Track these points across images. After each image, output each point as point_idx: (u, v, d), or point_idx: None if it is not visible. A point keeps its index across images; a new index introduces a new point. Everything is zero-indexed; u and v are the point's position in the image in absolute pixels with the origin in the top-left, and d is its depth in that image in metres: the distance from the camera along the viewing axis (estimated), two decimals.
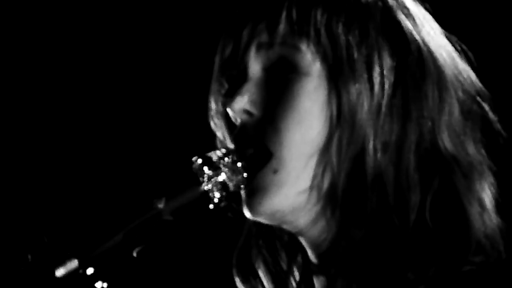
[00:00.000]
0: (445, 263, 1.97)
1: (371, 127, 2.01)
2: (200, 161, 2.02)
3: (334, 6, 2.06)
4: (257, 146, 2.04)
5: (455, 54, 2.14)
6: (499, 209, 2.09)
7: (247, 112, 2.06)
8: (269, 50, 2.06)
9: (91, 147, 3.85)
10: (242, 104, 2.05)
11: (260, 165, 2.03)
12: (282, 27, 2.04)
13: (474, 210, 2.02)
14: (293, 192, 2.03)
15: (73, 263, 1.83)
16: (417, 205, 1.99)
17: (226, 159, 2.04)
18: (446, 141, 2.04)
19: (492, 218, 2.05)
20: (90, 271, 1.85)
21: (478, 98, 2.12)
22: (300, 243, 2.16)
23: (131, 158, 3.80)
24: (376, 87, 2.02)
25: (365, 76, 2.02)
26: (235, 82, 2.11)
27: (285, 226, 2.11)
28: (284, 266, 2.24)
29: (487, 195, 2.07)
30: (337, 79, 2.03)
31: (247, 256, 2.23)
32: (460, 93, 2.09)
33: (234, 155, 2.04)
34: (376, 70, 2.03)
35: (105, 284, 1.86)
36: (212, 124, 2.19)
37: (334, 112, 2.02)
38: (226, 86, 2.14)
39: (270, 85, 2.06)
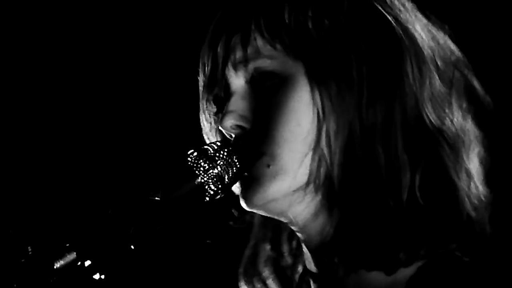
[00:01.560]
0: (436, 241, 1.99)
1: (356, 115, 2.03)
2: (196, 153, 2.04)
3: (299, 3, 2.07)
4: (249, 150, 2.06)
5: (429, 25, 2.15)
6: (488, 178, 2.10)
7: (238, 127, 2.09)
8: (247, 65, 2.08)
9: (88, 142, 3.86)
10: (232, 121, 2.08)
11: (253, 161, 2.06)
12: (254, 40, 2.07)
13: (463, 183, 2.04)
14: (287, 186, 2.06)
15: (72, 256, 1.85)
16: (408, 184, 2.01)
17: (221, 152, 2.06)
18: (430, 114, 2.05)
19: (478, 188, 2.07)
20: (88, 263, 1.86)
21: (459, 65, 2.13)
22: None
23: (128, 152, 3.81)
24: (355, 74, 2.03)
25: (342, 66, 2.04)
26: (221, 98, 2.14)
27: (283, 219, 2.13)
28: (289, 263, 2.26)
29: (474, 165, 2.08)
30: (315, 75, 2.05)
31: (254, 265, 2.26)
32: (440, 63, 2.10)
33: (229, 148, 2.07)
34: (352, 58, 2.04)
35: (102, 276, 1.88)
36: (206, 140, 2.23)
37: (319, 107, 2.04)
38: (213, 103, 2.17)
39: (255, 96, 2.09)
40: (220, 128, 2.10)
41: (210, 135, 2.22)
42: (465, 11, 3.13)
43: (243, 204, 2.10)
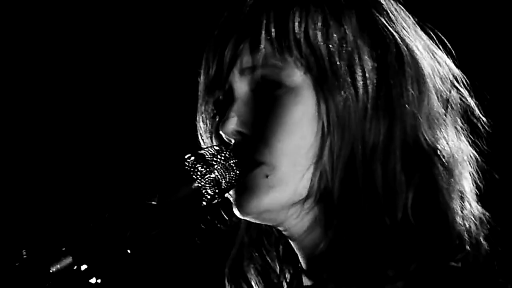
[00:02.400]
0: (427, 259, 1.98)
1: (359, 131, 2.03)
2: (193, 158, 2.04)
3: (309, 14, 2.07)
4: (246, 158, 2.05)
5: (429, 43, 2.15)
6: (482, 197, 2.11)
7: (239, 133, 2.08)
8: (253, 72, 2.08)
9: (85, 146, 3.85)
10: (234, 127, 2.07)
11: (251, 168, 2.05)
12: (262, 49, 2.06)
13: (455, 203, 2.03)
14: (286, 197, 2.05)
15: (68, 260, 1.84)
16: (403, 203, 2.01)
17: (219, 156, 2.05)
18: (426, 133, 2.04)
19: (472, 208, 2.07)
20: (84, 267, 1.86)
21: (456, 84, 2.13)
22: (290, 246, 2.18)
23: (125, 156, 3.81)
24: (361, 90, 2.04)
25: (349, 80, 2.04)
26: (223, 103, 2.13)
27: (278, 227, 2.13)
28: (276, 269, 2.25)
29: (468, 184, 2.08)
30: (323, 88, 2.04)
31: (239, 266, 2.25)
32: (438, 82, 2.10)
33: (227, 153, 2.06)
34: (359, 73, 2.04)
35: (99, 280, 1.87)
36: (202, 143, 2.22)
37: (324, 120, 2.04)
38: (213, 106, 2.16)
39: (259, 104, 2.08)
40: (220, 132, 2.09)
41: (205, 138, 2.21)
42: (465, 27, 3.14)
43: (236, 211, 2.09)
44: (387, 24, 2.09)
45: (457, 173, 2.06)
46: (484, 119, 2.15)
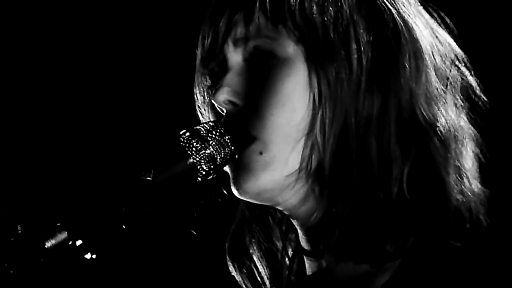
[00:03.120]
0: (423, 234, 1.99)
1: (352, 104, 2.03)
2: (188, 134, 2.03)
3: None
4: (239, 132, 2.05)
5: (431, 21, 2.15)
6: (483, 175, 2.11)
7: (231, 102, 2.07)
8: (247, 42, 2.08)
9: (80, 122, 3.85)
10: (225, 96, 2.07)
11: (245, 144, 2.05)
12: (257, 19, 2.06)
13: (451, 178, 2.03)
14: (280, 174, 2.05)
15: (63, 235, 1.84)
16: (399, 177, 2.01)
17: (214, 132, 2.05)
18: (424, 109, 2.05)
19: (472, 185, 2.07)
20: (79, 242, 1.86)
21: (457, 63, 2.13)
22: (292, 223, 2.18)
23: (119, 132, 3.80)
24: (355, 63, 2.03)
25: (343, 53, 2.04)
26: (217, 73, 2.13)
27: (272, 205, 2.13)
28: (279, 246, 2.26)
29: (467, 162, 2.08)
30: (315, 60, 2.04)
31: (241, 241, 2.25)
32: (438, 60, 2.10)
33: (222, 128, 2.06)
34: (353, 47, 2.04)
35: (94, 256, 1.87)
36: (199, 114, 2.22)
37: (316, 92, 2.04)
38: (209, 78, 2.16)
39: (252, 74, 2.08)
40: (212, 101, 2.08)
41: (202, 109, 2.21)
42: (468, 9, 3.14)
43: (234, 191, 2.09)
44: (386, 0, 2.09)
45: (455, 149, 2.06)
46: (484, 97, 2.15)
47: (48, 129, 3.84)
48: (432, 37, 2.12)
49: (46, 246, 1.81)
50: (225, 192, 2.20)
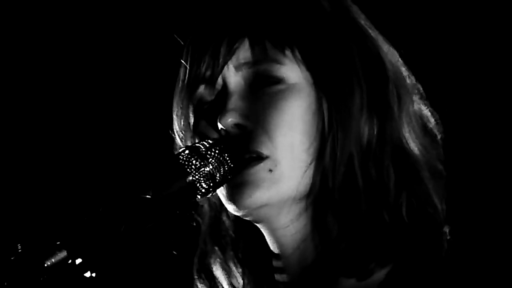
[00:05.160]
0: (409, 253, 2.03)
1: (357, 130, 2.06)
2: (187, 151, 2.04)
3: (310, 14, 2.10)
4: (249, 152, 2.05)
5: (391, 50, 2.18)
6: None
7: (238, 126, 2.07)
8: (251, 67, 2.09)
9: (80, 140, 3.85)
10: (234, 119, 2.06)
11: (253, 163, 2.05)
12: (264, 43, 2.07)
13: (443, 205, 2.09)
14: (287, 193, 2.06)
15: (62, 254, 1.84)
16: (397, 203, 2.05)
17: (213, 149, 2.05)
18: (408, 137, 2.09)
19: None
20: (79, 261, 1.86)
21: (417, 93, 2.17)
22: (262, 245, 2.19)
23: (119, 149, 3.80)
24: (358, 90, 2.06)
25: (348, 81, 2.07)
26: (214, 97, 2.12)
27: (261, 224, 2.13)
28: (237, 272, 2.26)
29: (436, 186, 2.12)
30: (324, 87, 2.07)
31: (205, 261, 2.24)
32: (410, 87, 2.15)
33: (221, 146, 2.06)
34: (356, 73, 2.07)
35: (93, 274, 1.87)
36: (177, 137, 2.21)
37: (326, 118, 2.06)
38: (195, 100, 2.15)
39: (259, 99, 2.08)
40: (219, 124, 2.08)
41: (180, 131, 2.20)
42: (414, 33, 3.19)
43: (230, 205, 2.09)
44: (370, 33, 2.14)
45: (437, 175, 2.11)
46: (439, 132, 2.18)
47: (47, 147, 3.84)
48: (404, 71, 2.16)
49: (45, 265, 1.81)
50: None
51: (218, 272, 2.24)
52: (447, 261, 2.02)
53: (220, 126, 2.07)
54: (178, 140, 2.22)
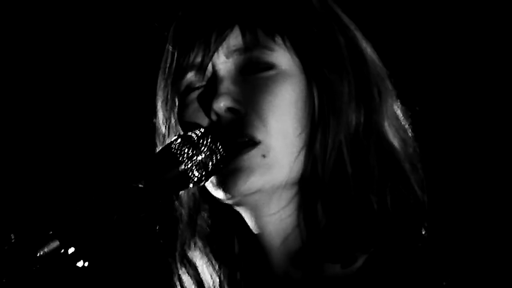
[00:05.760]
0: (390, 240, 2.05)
1: (347, 118, 2.08)
2: (179, 140, 2.04)
3: (301, 6, 2.12)
4: (243, 136, 2.06)
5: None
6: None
7: (231, 110, 2.07)
8: (242, 54, 2.10)
9: (72, 129, 3.85)
10: (227, 103, 2.06)
11: (247, 149, 2.05)
12: (255, 30, 2.08)
13: (425, 195, 2.11)
14: (280, 179, 2.07)
15: (55, 243, 1.84)
16: (383, 192, 2.06)
17: (205, 138, 2.05)
18: (388, 130, 2.11)
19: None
20: (71, 250, 1.86)
21: (392, 91, 2.19)
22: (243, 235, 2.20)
23: (111, 139, 3.80)
24: (346, 78, 2.09)
25: (337, 68, 2.09)
26: (203, 83, 2.13)
27: (248, 211, 2.14)
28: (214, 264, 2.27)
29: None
30: (314, 73, 2.09)
31: (186, 252, 2.25)
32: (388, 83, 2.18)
33: (213, 135, 2.06)
34: (344, 63, 2.10)
35: (86, 263, 1.87)
36: (161, 125, 2.21)
37: (317, 104, 2.07)
38: (183, 87, 2.15)
39: (251, 84, 2.09)
40: (213, 107, 2.07)
41: (166, 118, 2.20)
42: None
43: (220, 193, 2.09)
44: (352, 27, 2.17)
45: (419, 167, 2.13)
46: (410, 131, 2.20)
47: (40, 139, 3.84)
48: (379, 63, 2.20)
49: (38, 255, 1.81)
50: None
51: (198, 262, 2.25)
52: (424, 251, 2.03)
53: (213, 110, 2.08)
54: (162, 129, 2.21)
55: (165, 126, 2.20)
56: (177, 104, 2.17)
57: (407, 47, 3.27)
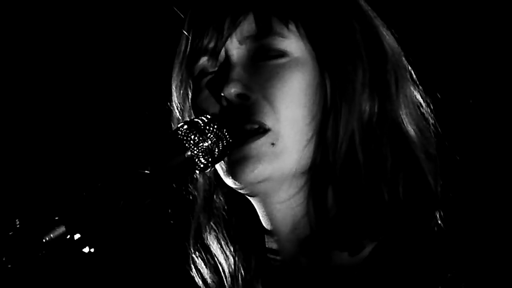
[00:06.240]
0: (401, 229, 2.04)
1: (360, 107, 2.07)
2: (186, 127, 2.03)
3: None
4: (252, 123, 2.05)
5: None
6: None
7: (241, 96, 2.07)
8: (255, 41, 2.09)
9: (78, 115, 3.85)
10: (237, 89, 2.06)
11: (256, 137, 2.05)
12: (268, 17, 2.08)
13: (439, 185, 2.10)
14: (289, 167, 2.06)
15: (61, 229, 1.84)
16: (395, 181, 2.06)
17: (212, 125, 2.05)
18: (404, 118, 2.10)
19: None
20: (77, 236, 1.86)
21: (411, 79, 2.18)
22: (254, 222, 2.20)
23: (117, 125, 3.80)
24: (360, 67, 2.08)
25: (350, 56, 2.08)
26: (216, 69, 2.12)
27: (258, 198, 2.14)
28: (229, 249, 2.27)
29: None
30: (327, 61, 2.08)
31: (201, 236, 2.25)
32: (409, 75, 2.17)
33: (220, 121, 2.05)
34: (358, 51, 2.09)
35: (92, 249, 1.87)
36: (175, 109, 2.21)
37: (329, 93, 2.07)
38: (196, 71, 2.15)
39: (263, 71, 2.08)
40: (223, 93, 2.07)
41: (179, 102, 2.20)
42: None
43: (231, 180, 2.09)
44: (370, 14, 2.16)
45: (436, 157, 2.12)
46: (431, 118, 2.19)
47: (46, 124, 3.84)
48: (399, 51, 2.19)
49: (44, 240, 1.81)
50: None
51: (213, 245, 2.25)
52: (432, 241, 2.03)
53: (223, 96, 2.07)
54: (176, 113, 2.22)
55: (179, 110, 2.20)
56: (190, 88, 2.17)
57: (432, 36, 3.26)
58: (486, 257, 1.95)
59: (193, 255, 2.26)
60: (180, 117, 2.21)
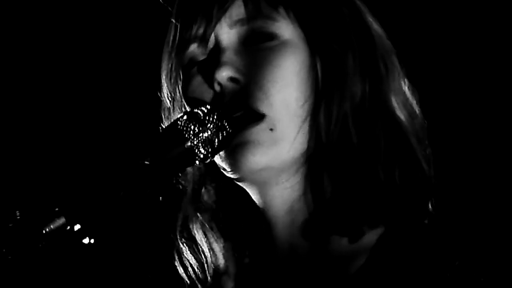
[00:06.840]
0: (398, 214, 2.04)
1: (352, 89, 2.07)
2: (185, 117, 2.03)
3: None
4: (246, 109, 2.05)
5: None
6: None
7: (233, 79, 2.06)
8: (244, 24, 2.08)
9: (78, 107, 3.85)
10: (229, 72, 2.06)
11: (251, 124, 2.04)
12: (259, 1, 2.07)
13: (431, 170, 2.10)
14: (287, 153, 2.06)
15: (61, 220, 1.84)
16: (389, 164, 2.05)
17: (212, 115, 2.04)
18: (395, 104, 2.10)
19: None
20: (77, 227, 1.85)
21: (398, 69, 2.18)
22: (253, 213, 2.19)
23: (117, 116, 3.80)
24: (350, 50, 2.08)
25: (341, 38, 2.08)
26: (206, 55, 2.11)
27: (254, 185, 2.13)
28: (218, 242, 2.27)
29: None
30: (317, 43, 2.08)
31: (187, 226, 2.26)
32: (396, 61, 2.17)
33: (219, 111, 2.05)
34: (348, 34, 2.09)
35: (92, 240, 1.87)
36: (165, 99, 2.21)
37: (320, 74, 2.06)
38: (186, 59, 2.14)
39: (252, 54, 2.07)
40: (215, 76, 2.06)
41: (170, 92, 2.20)
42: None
43: (231, 168, 2.08)
44: (356, 1, 2.16)
45: (424, 140, 2.13)
46: (418, 109, 2.19)
47: (46, 116, 3.84)
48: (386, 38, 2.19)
49: (44, 232, 1.81)
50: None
51: (198, 236, 2.25)
52: (431, 229, 2.03)
53: (215, 80, 2.06)
54: (166, 102, 2.21)
55: (170, 100, 2.20)
56: (181, 77, 2.16)
57: (416, 28, 3.27)
58: (488, 242, 1.95)
59: (179, 245, 2.26)
60: (171, 107, 2.20)
